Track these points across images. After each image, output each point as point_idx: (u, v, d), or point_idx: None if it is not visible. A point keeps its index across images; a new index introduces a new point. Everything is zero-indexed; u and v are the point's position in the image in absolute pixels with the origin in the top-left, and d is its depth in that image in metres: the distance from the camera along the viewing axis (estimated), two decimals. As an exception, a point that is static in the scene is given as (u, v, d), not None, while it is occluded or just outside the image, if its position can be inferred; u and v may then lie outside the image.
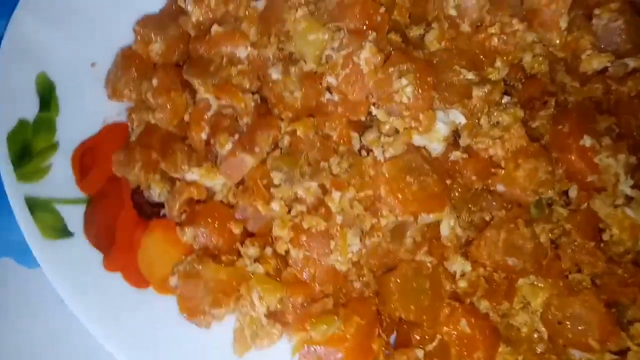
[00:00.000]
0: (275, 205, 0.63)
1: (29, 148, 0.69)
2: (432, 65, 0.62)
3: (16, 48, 0.70)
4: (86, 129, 0.71)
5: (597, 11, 0.66)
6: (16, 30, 0.70)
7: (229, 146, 0.63)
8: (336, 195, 0.61)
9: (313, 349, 0.58)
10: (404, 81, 0.59)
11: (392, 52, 0.61)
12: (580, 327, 0.60)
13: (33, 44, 0.70)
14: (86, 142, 0.71)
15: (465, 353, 0.59)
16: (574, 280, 0.64)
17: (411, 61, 0.60)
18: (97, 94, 0.71)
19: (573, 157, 0.63)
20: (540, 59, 0.67)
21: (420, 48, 0.65)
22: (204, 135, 0.64)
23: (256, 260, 0.65)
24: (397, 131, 0.63)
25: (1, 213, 0.74)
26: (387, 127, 0.62)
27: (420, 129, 0.61)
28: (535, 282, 0.64)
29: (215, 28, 0.64)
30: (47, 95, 0.70)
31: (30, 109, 0.70)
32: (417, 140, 0.62)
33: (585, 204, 0.63)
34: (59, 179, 0.69)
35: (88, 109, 0.71)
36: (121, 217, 0.70)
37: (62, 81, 0.71)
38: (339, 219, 0.60)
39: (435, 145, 0.62)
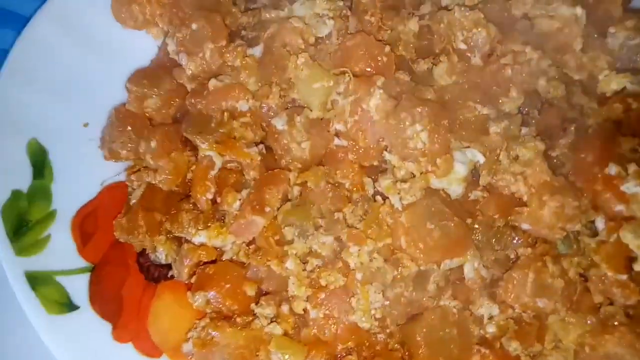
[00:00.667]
0: (290, 264, 0.60)
1: (25, 220, 0.66)
2: (445, 105, 0.59)
3: (3, 116, 0.67)
4: (84, 194, 0.68)
5: (612, 30, 0.64)
6: (2, 96, 0.67)
7: (237, 205, 0.61)
8: (354, 249, 0.59)
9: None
10: (418, 127, 0.56)
11: (403, 95, 0.58)
12: (618, 366, 0.58)
13: (20, 110, 0.68)
14: (85, 207, 0.68)
15: (503, 406, 0.57)
16: (607, 313, 0.61)
17: (423, 104, 0.57)
18: (92, 155, 0.69)
19: (599, 187, 0.61)
20: (556, 83, 0.65)
21: (429, 83, 0.63)
22: (209, 195, 0.61)
23: (273, 319, 0.63)
24: (413, 175, 0.60)
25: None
26: (402, 172, 0.60)
27: (437, 172, 0.58)
28: (566, 318, 0.61)
29: (213, 83, 0.61)
30: (40, 162, 0.68)
31: (23, 179, 0.67)
32: (435, 183, 0.60)
33: (615, 235, 0.60)
34: (60, 249, 0.67)
35: (84, 172, 0.68)
36: (127, 283, 0.67)
37: (55, 146, 0.68)
38: (358, 275, 0.58)
39: (454, 187, 0.60)
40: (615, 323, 0.61)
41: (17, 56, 0.69)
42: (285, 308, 0.62)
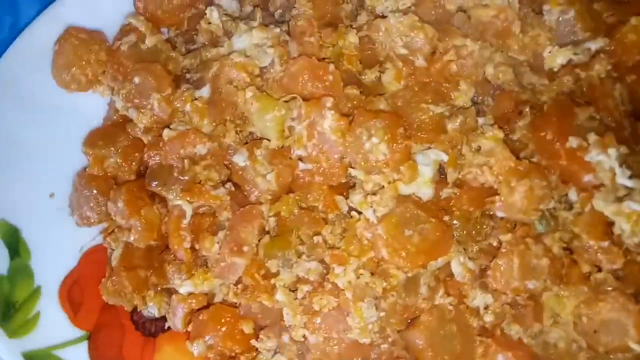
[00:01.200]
0: (280, 296, 0.61)
1: (10, 302, 0.67)
2: (398, 112, 0.60)
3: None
4: (65, 264, 0.69)
5: (546, 7, 0.65)
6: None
7: (216, 248, 0.61)
8: (339, 270, 0.59)
9: None
10: (375, 140, 0.57)
11: (355, 111, 0.59)
12: (616, 331, 0.59)
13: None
14: (69, 276, 0.69)
15: (512, 393, 0.58)
16: (597, 281, 0.63)
17: (376, 116, 0.58)
18: (64, 224, 0.69)
19: (564, 162, 0.62)
20: (503, 67, 0.65)
21: (380, 92, 0.63)
22: (186, 244, 0.62)
23: (276, 351, 0.64)
24: (381, 186, 0.61)
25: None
26: (370, 185, 0.60)
27: (404, 180, 0.59)
28: (559, 293, 0.63)
29: (166, 133, 0.62)
30: (13, 241, 0.68)
31: (1, 262, 0.67)
32: (404, 189, 0.61)
33: (589, 205, 0.62)
34: (51, 324, 0.67)
35: (60, 243, 0.69)
36: (126, 343, 0.68)
37: (26, 222, 0.68)
38: (348, 294, 0.59)
39: (424, 190, 0.61)
40: (608, 288, 0.63)
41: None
42: (285, 338, 0.63)
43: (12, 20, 0.79)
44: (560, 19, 0.65)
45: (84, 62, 0.67)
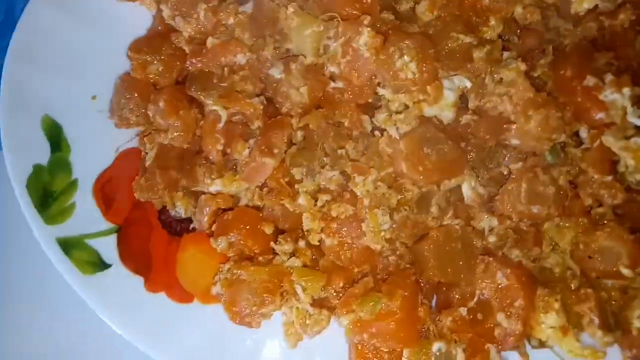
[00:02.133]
0: (302, 200, 0.67)
1: (49, 191, 0.72)
2: (429, 36, 0.65)
3: (15, 97, 0.73)
4: (101, 161, 0.74)
5: (578, -50, 0.69)
6: (11, 79, 0.72)
7: (246, 152, 0.67)
8: (359, 179, 0.65)
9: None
10: (406, 58, 0.62)
11: (390, 32, 0.63)
12: (610, 258, 0.65)
13: (30, 90, 0.73)
14: (104, 173, 0.74)
15: (508, 302, 0.64)
16: (597, 215, 0.69)
17: (409, 37, 0.62)
18: (104, 125, 0.74)
19: (579, 99, 0.67)
20: (532, 8, 0.70)
21: (413, 21, 0.68)
22: (219, 147, 0.67)
23: (292, 254, 0.69)
24: (406, 106, 0.66)
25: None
26: (396, 104, 0.66)
27: (429, 100, 0.64)
28: (560, 224, 0.69)
29: (210, 41, 0.67)
30: (55, 136, 0.73)
31: (42, 154, 0.73)
32: (428, 111, 0.66)
33: (598, 141, 0.67)
34: (85, 214, 0.73)
35: (98, 142, 0.74)
36: (153, 239, 0.74)
37: (68, 120, 0.74)
38: (365, 202, 0.64)
39: (445, 113, 0.66)
40: (605, 222, 0.68)
41: (19, 39, 0.74)
42: (302, 243, 0.69)
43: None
44: (591, -35, 0.69)
45: (135, -27, 0.72)
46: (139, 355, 0.69)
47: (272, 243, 0.70)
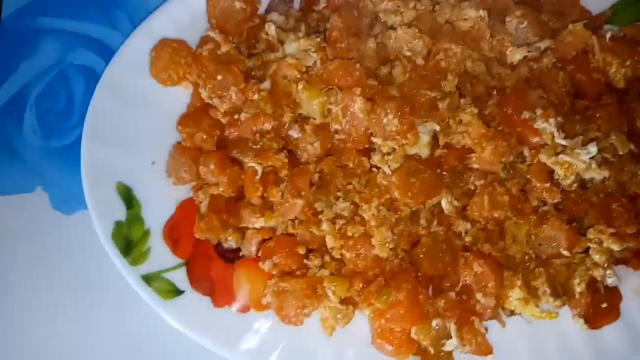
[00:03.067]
0: (324, 226, 0.90)
1: (129, 240, 0.95)
2: (405, 96, 0.88)
3: (94, 171, 0.94)
4: (166, 212, 0.96)
5: (508, 18, 0.93)
6: (89, 157, 0.94)
7: (279, 195, 0.90)
8: (365, 206, 0.89)
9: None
10: (390, 116, 0.85)
11: (375, 96, 0.87)
12: (554, 244, 0.89)
13: (105, 164, 0.94)
14: (169, 221, 0.96)
15: (483, 284, 0.88)
16: (542, 212, 0.93)
17: (390, 100, 0.86)
18: (164, 184, 0.96)
19: (519, 129, 0.91)
20: (478, 62, 0.94)
21: (391, 82, 0.92)
22: (259, 193, 0.90)
23: (321, 267, 0.93)
24: (394, 149, 0.89)
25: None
26: (386, 148, 0.89)
27: (409, 143, 0.88)
28: (516, 221, 0.92)
29: (243, 115, 0.89)
30: (128, 197, 0.95)
31: (120, 212, 0.95)
32: (410, 151, 0.90)
33: (536, 158, 0.91)
34: (159, 255, 0.95)
35: (162, 197, 0.96)
36: (213, 267, 0.96)
37: (136, 183, 0.96)
38: (372, 222, 0.88)
39: (423, 150, 0.90)
40: (549, 217, 0.93)
41: (90, 125, 0.96)
42: (327, 257, 0.93)
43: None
44: (517, 27, 0.93)
45: (176, 65, 0.94)
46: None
47: (305, 260, 0.93)
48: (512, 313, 0.93)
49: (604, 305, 0.91)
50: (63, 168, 1.06)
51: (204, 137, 0.93)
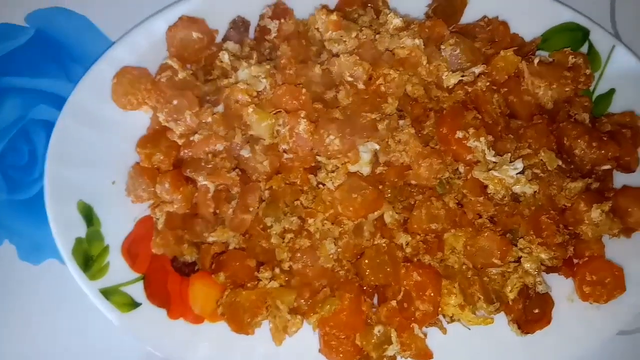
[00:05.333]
0: (274, 240, 0.99)
1: (89, 255, 1.03)
2: (346, 117, 0.99)
3: (56, 190, 1.03)
4: (124, 229, 1.06)
5: (442, 46, 1.04)
6: (52, 177, 1.03)
7: (230, 212, 0.99)
8: (311, 221, 0.98)
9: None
10: (331, 137, 0.96)
11: (319, 119, 0.97)
12: (487, 254, 0.99)
13: (67, 184, 1.03)
14: (127, 238, 1.05)
15: (421, 292, 0.97)
16: (478, 224, 1.03)
17: (333, 122, 0.97)
18: (123, 202, 1.06)
19: (454, 147, 1.02)
20: (417, 86, 1.05)
21: (336, 105, 1.02)
22: (211, 210, 0.99)
23: (271, 279, 1.02)
24: (337, 167, 1.00)
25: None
26: (330, 166, 1.00)
27: (351, 161, 0.98)
28: (455, 233, 1.02)
29: (196, 137, 1.00)
30: (89, 215, 1.04)
31: (81, 229, 1.04)
32: (352, 168, 1.00)
33: (470, 174, 1.01)
34: (118, 270, 1.04)
35: (121, 215, 1.05)
36: (169, 281, 1.05)
37: (97, 202, 1.05)
38: (317, 236, 0.97)
39: (364, 168, 1.00)
40: (484, 229, 1.03)
41: (54, 146, 1.05)
42: (277, 270, 1.02)
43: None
44: (451, 53, 1.05)
45: (136, 91, 1.04)
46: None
47: (256, 273, 1.02)
48: (452, 320, 1.02)
49: (536, 311, 1.01)
50: (29, 220, 1.14)
51: (161, 157, 1.03)
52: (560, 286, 1.05)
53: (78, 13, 1.19)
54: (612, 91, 1.13)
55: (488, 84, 1.07)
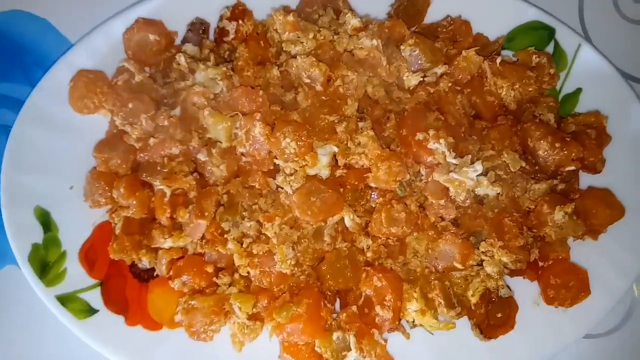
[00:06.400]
0: (231, 245, 0.99)
1: (45, 262, 1.03)
2: (305, 120, 0.99)
3: (12, 196, 1.03)
4: (82, 235, 1.06)
5: (402, 47, 1.04)
6: (8, 182, 1.03)
7: (187, 216, 0.99)
8: (268, 225, 0.98)
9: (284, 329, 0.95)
10: (288, 140, 0.95)
11: (276, 121, 0.97)
12: (448, 257, 0.99)
13: (23, 189, 1.04)
14: (85, 243, 1.05)
15: (382, 298, 0.96)
16: (441, 227, 1.02)
17: (289, 124, 0.97)
18: (81, 207, 1.05)
19: (415, 149, 1.01)
20: (378, 87, 1.05)
21: (294, 107, 1.02)
22: (167, 214, 0.99)
23: (230, 284, 1.01)
24: (295, 170, 0.99)
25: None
26: (288, 169, 0.99)
27: (308, 165, 0.98)
28: (417, 237, 1.02)
29: (152, 140, 1.00)
30: (46, 220, 1.04)
31: (37, 235, 1.03)
32: (310, 172, 1.00)
33: (431, 176, 1.01)
34: (75, 276, 1.04)
35: (79, 220, 1.05)
36: (127, 287, 1.05)
37: (54, 207, 1.05)
38: (274, 240, 0.97)
39: (323, 171, 1.00)
40: (446, 232, 1.02)
41: (10, 150, 1.05)
42: (236, 275, 1.01)
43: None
44: (411, 54, 1.05)
45: (92, 94, 1.04)
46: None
47: (214, 278, 1.02)
48: (414, 325, 1.02)
49: (499, 315, 1.00)
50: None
51: (118, 162, 1.03)
52: (526, 290, 1.05)
53: (38, 16, 1.19)
54: (579, 90, 1.13)
55: (450, 84, 1.07)
